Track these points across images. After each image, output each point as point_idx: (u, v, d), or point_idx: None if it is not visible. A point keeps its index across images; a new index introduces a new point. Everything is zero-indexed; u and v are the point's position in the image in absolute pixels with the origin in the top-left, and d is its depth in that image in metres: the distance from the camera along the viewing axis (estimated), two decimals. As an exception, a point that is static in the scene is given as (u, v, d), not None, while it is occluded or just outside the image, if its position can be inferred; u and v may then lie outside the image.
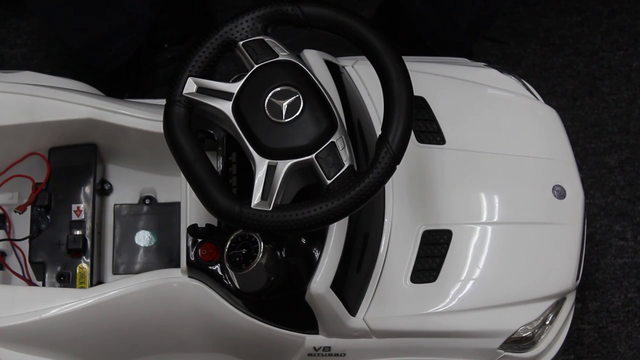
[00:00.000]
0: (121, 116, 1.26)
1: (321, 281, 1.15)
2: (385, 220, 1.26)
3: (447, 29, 1.62)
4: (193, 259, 1.19)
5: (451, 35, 1.64)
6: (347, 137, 1.05)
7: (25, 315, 1.17)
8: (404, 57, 1.08)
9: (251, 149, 1.04)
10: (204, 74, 1.09)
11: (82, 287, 1.24)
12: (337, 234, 1.15)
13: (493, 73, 1.43)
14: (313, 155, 1.03)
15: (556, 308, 1.32)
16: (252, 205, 1.02)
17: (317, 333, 1.24)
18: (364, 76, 1.34)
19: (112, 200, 1.34)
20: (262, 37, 1.07)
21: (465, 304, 1.26)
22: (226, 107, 1.06)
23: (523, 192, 1.32)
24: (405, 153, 1.04)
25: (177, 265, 1.20)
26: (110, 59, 1.64)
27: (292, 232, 1.03)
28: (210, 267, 1.19)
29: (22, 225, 1.29)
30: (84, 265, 1.25)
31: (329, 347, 1.25)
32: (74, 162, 1.29)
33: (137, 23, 1.55)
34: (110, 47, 1.58)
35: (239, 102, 1.06)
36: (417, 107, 1.34)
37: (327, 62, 1.26)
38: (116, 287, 1.19)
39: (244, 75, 1.08)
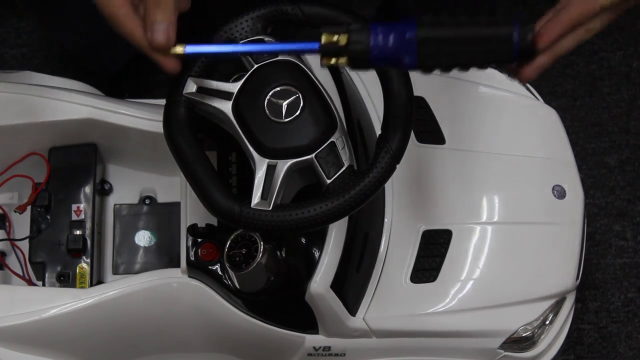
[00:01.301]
0: (121, 116, 1.26)
1: (321, 281, 1.15)
2: (385, 220, 1.26)
3: None
4: (193, 258, 1.19)
5: None
6: (347, 137, 1.05)
7: (25, 315, 1.17)
8: (404, 57, 1.08)
9: (251, 148, 1.04)
10: (204, 74, 1.09)
11: (82, 287, 1.24)
12: (337, 234, 1.15)
13: (493, 73, 1.43)
14: (313, 155, 1.03)
15: (556, 308, 1.32)
16: (252, 205, 1.02)
17: (317, 333, 1.24)
18: (364, 76, 1.34)
19: (112, 200, 1.34)
20: (262, 37, 1.07)
21: (465, 304, 1.26)
22: (226, 107, 1.06)
23: (523, 192, 1.33)
24: (405, 153, 1.04)
25: (177, 265, 1.20)
26: (108, 62, 1.63)
27: (292, 231, 1.03)
28: (210, 267, 1.19)
29: (22, 225, 1.29)
30: (84, 265, 1.25)
31: (329, 347, 1.25)
32: (74, 162, 1.29)
33: None
34: (108, 51, 1.57)
35: (239, 101, 1.06)
36: (417, 107, 1.34)
37: (327, 62, 1.26)
38: (116, 287, 1.19)
39: (244, 75, 1.08)
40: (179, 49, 0.92)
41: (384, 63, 0.91)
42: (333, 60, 0.91)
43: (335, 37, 0.90)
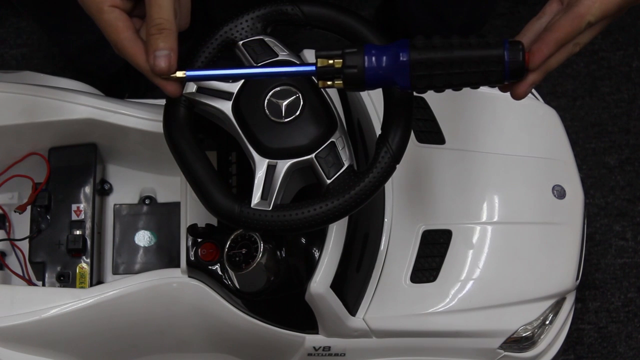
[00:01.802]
0: (121, 116, 1.26)
1: (321, 281, 1.15)
2: (385, 220, 1.26)
3: (440, 31, 1.62)
4: (193, 258, 1.19)
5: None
6: (347, 137, 1.05)
7: (25, 315, 1.17)
8: (403, 57, 1.08)
9: (251, 148, 1.04)
10: (204, 74, 1.09)
11: (82, 287, 1.24)
12: (337, 234, 1.15)
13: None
14: (313, 155, 1.03)
15: (556, 308, 1.32)
16: (251, 205, 1.02)
17: (317, 333, 1.24)
18: (363, 76, 1.33)
19: (112, 200, 1.34)
20: (262, 37, 1.07)
21: (465, 304, 1.26)
22: (226, 106, 1.06)
23: (523, 192, 1.33)
24: (405, 153, 1.04)
25: (177, 265, 1.20)
26: (106, 63, 1.63)
27: (292, 232, 1.03)
28: (210, 267, 1.19)
29: (22, 225, 1.29)
30: (84, 265, 1.25)
31: (329, 347, 1.25)
32: (74, 162, 1.29)
33: None
34: (106, 52, 1.57)
35: (239, 101, 1.06)
36: (417, 107, 1.34)
37: (327, 62, 1.26)
38: (116, 287, 1.19)
39: (244, 75, 1.08)
40: (180, 74, 0.93)
41: (378, 85, 0.93)
42: (329, 83, 0.94)
43: (331, 61, 0.93)
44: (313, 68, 0.94)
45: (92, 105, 1.26)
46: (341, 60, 0.93)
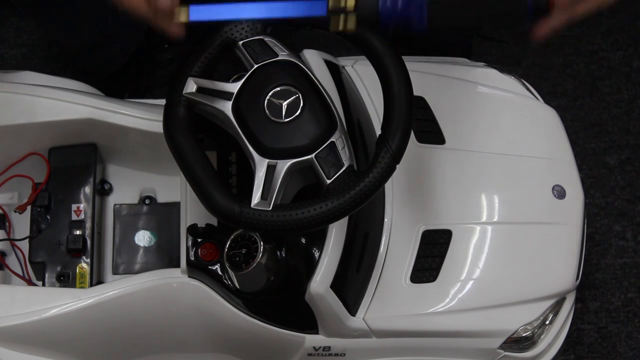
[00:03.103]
0: (121, 116, 1.26)
1: (321, 281, 1.15)
2: (385, 220, 1.26)
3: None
4: (193, 258, 1.20)
5: (443, 36, 1.63)
6: (347, 137, 1.05)
7: (25, 315, 1.17)
8: (403, 57, 1.08)
9: (251, 148, 1.04)
10: (204, 74, 1.09)
11: (82, 287, 1.24)
12: (337, 233, 1.15)
13: (493, 73, 1.43)
14: (313, 155, 1.03)
15: (556, 308, 1.32)
16: (252, 205, 1.02)
17: (317, 333, 1.24)
18: (364, 76, 1.34)
19: (112, 200, 1.34)
20: (261, 37, 1.07)
21: (465, 304, 1.26)
22: (226, 107, 1.06)
23: (523, 192, 1.33)
24: (405, 153, 1.04)
25: (177, 265, 1.20)
26: (106, 63, 1.63)
27: (292, 232, 1.03)
28: (210, 267, 1.19)
29: (22, 225, 1.29)
30: (84, 265, 1.25)
31: (329, 347, 1.25)
32: (74, 162, 1.29)
33: (131, 27, 1.55)
34: (106, 52, 1.57)
35: (239, 102, 1.06)
36: (417, 107, 1.34)
37: (327, 62, 1.26)
38: (116, 287, 1.19)
39: (244, 75, 1.08)
40: (183, 15, 0.92)
41: (392, 25, 0.90)
42: (341, 26, 0.90)
43: (343, 3, 0.90)
44: (324, 8, 0.90)
45: (92, 105, 1.26)
46: (354, 1, 0.89)
